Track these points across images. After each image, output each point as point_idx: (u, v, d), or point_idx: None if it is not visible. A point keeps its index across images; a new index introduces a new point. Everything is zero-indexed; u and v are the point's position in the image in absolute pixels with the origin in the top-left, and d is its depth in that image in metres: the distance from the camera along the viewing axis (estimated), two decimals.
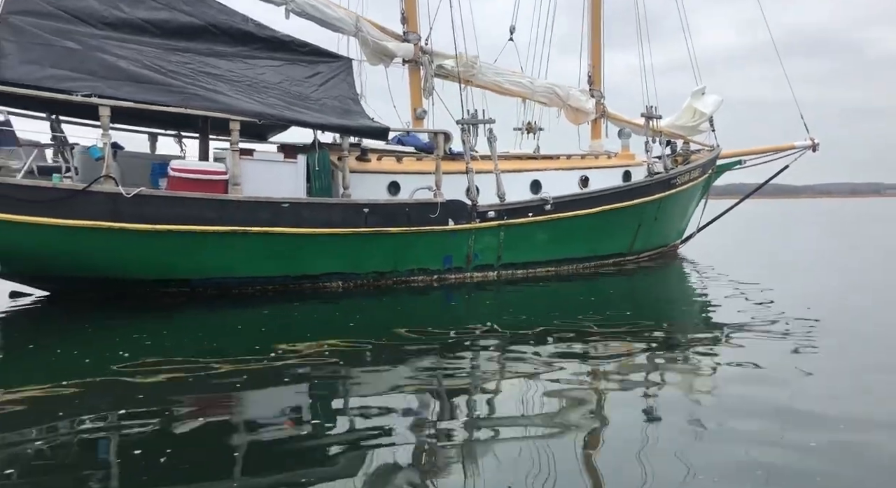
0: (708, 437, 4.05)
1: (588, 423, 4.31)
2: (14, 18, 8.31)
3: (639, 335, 6.86)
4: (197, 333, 7.45)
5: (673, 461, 3.63)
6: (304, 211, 9.64)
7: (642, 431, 4.11)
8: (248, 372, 5.44)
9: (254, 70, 10.32)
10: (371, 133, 10.63)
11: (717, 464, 3.56)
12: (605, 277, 12.23)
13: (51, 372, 5.52)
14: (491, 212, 11.22)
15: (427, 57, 13.02)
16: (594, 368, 5.69)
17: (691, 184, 15.72)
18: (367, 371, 5.73)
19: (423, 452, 3.86)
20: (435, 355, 6.12)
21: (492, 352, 6.42)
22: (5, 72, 8.03)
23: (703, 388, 5.12)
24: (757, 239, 23.44)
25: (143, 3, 9.53)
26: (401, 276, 10.69)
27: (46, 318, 8.50)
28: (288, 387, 5.20)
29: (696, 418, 4.36)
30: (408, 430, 4.18)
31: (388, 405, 4.68)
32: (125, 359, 5.90)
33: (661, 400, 4.80)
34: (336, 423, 4.34)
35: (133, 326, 7.61)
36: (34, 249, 8.20)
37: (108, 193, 8.41)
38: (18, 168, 8.33)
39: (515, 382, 5.30)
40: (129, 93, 8.68)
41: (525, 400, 4.84)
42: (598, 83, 15.90)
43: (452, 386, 5.17)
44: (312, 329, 7.62)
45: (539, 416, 4.42)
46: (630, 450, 3.79)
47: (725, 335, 6.94)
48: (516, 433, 4.17)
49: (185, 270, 9.14)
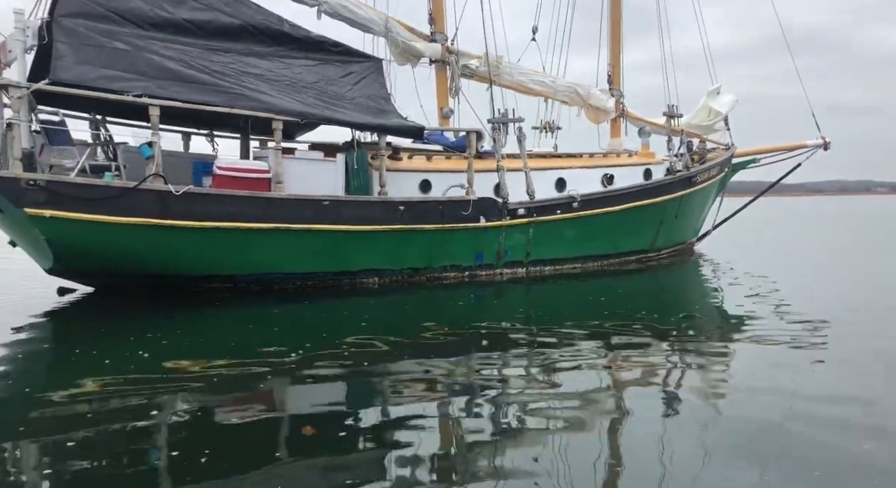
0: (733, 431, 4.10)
1: (613, 420, 4.39)
2: (66, 20, 8.50)
3: (675, 332, 7.00)
4: (240, 328, 7.58)
5: (695, 456, 3.74)
6: (343, 208, 9.85)
7: (670, 430, 4.15)
8: (287, 367, 5.57)
9: (291, 70, 10.53)
10: (407, 132, 10.85)
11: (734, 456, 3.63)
12: (629, 274, 12.46)
13: (100, 367, 5.65)
14: (521, 209, 11.45)
15: (453, 57, 13.22)
16: (624, 365, 5.71)
17: (710, 182, 15.97)
18: (401, 367, 5.76)
19: (452, 445, 3.98)
20: (475, 352, 6.25)
21: (526, 349, 6.43)
22: (61, 73, 8.23)
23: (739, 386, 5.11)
24: (770, 237, 23.67)
25: (185, 4, 9.72)
26: (434, 273, 10.91)
27: (94, 313, 8.67)
28: (328, 383, 5.30)
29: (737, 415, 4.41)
30: (438, 424, 4.29)
31: (419, 401, 4.78)
32: (171, 353, 6.10)
33: (691, 397, 4.84)
34: (364, 419, 4.43)
35: (177, 321, 7.82)
36: (88, 245, 8.40)
37: (157, 191, 8.61)
38: (72, 166, 8.52)
39: (544, 377, 5.37)
40: (178, 92, 8.88)
41: (551, 395, 4.89)
42: (618, 82, 16.10)
43: (484, 381, 5.26)
44: (354, 324, 7.79)
45: (563, 411, 4.50)
46: (651, 446, 3.86)
47: (753, 329, 7.10)
48: (541, 428, 4.24)
49: (229, 266, 9.35)
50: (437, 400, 4.87)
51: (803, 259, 15.74)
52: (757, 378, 5.25)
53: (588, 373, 5.43)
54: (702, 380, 5.34)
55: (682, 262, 14.67)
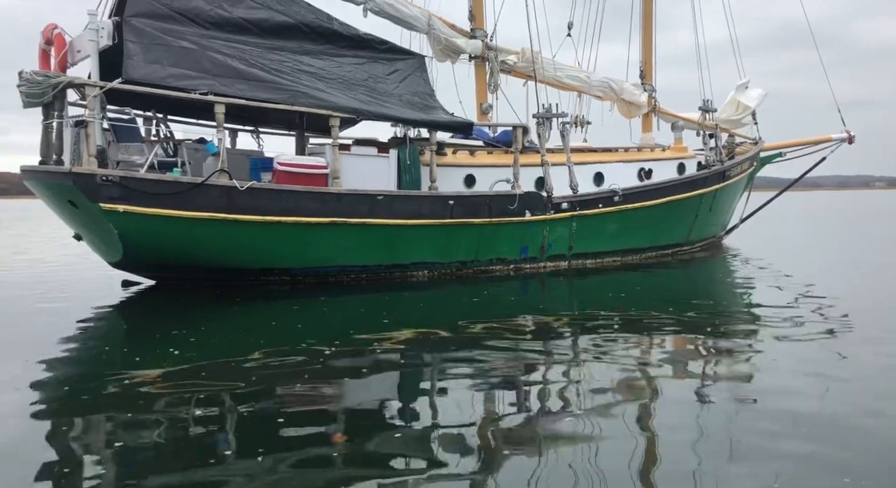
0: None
1: (647, 416, 4.40)
2: (135, 20, 8.75)
3: (723, 325, 7.06)
4: (297, 320, 7.75)
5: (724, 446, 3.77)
6: (396, 203, 10.09)
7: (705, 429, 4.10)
8: (345, 358, 5.74)
9: (342, 68, 10.76)
10: (457, 127, 11.07)
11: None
12: (667, 267, 12.65)
13: (168, 356, 5.84)
14: (564, 203, 11.66)
15: (492, 53, 13.41)
16: (670, 359, 5.77)
17: (741, 176, 16.15)
18: (449, 358, 5.85)
19: (493, 439, 3.99)
20: (523, 344, 6.32)
21: (577, 341, 6.49)
22: (132, 72, 8.48)
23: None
24: (789, 230, 23.79)
25: (241, 3, 9.95)
26: (481, 266, 11.14)
27: (158, 305, 8.95)
28: (379, 375, 5.41)
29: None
30: (477, 416, 4.33)
31: (461, 394, 4.79)
32: (234, 342, 6.36)
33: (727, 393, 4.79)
34: (407, 413, 4.49)
35: (238, 313, 8.04)
36: (156, 239, 8.67)
37: (223, 186, 8.87)
38: (140, 163, 8.79)
39: (585, 371, 5.40)
40: (241, 90, 9.13)
41: (589, 390, 4.87)
42: (650, 78, 16.27)
43: (526, 373, 5.32)
44: (408, 315, 8.02)
45: (597, 408, 4.49)
46: (684, 444, 3.83)
47: (794, 322, 7.17)
48: (576, 424, 4.19)
49: (288, 260, 9.60)
50: (482, 391, 4.89)
51: (838, 252, 15.88)
52: (800, 369, 5.29)
53: (627, 366, 5.44)
54: (740, 372, 5.35)
55: (713, 256, 14.84)
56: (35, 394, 4.86)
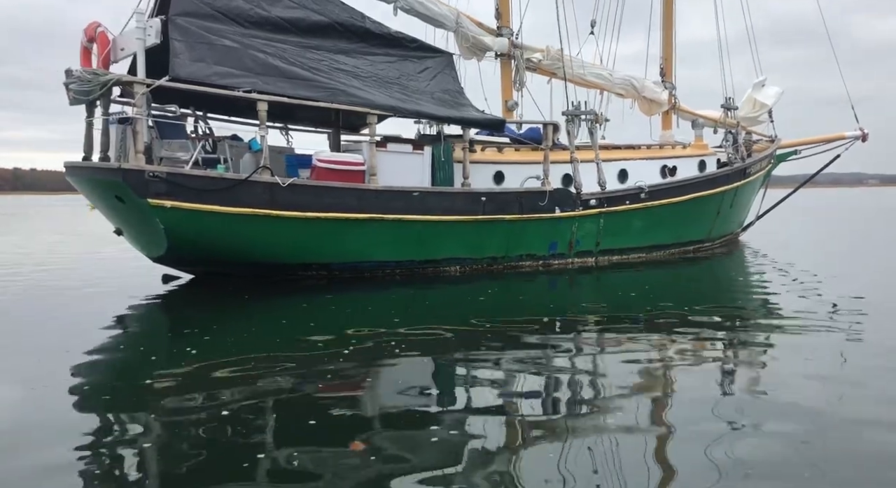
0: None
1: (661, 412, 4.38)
2: (180, 19, 8.90)
3: (748, 319, 7.17)
4: (336, 313, 7.93)
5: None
6: (431, 199, 10.25)
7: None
8: (374, 350, 5.85)
9: (375, 66, 10.91)
10: (489, 124, 11.22)
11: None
12: (690, 263, 12.81)
13: (218, 348, 6.02)
14: (593, 200, 11.82)
15: (518, 51, 13.56)
16: (691, 353, 5.79)
17: (760, 173, 16.31)
18: (478, 354, 5.86)
19: (519, 435, 3.97)
20: (555, 339, 6.41)
21: (602, 337, 6.61)
22: (178, 70, 8.63)
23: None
24: (802, 227, 23.95)
25: (279, 2, 10.09)
26: (511, 261, 11.31)
27: (199, 299, 9.14)
28: (411, 366, 5.46)
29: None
30: (505, 412, 4.33)
31: (485, 391, 4.81)
32: (278, 334, 6.54)
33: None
34: (434, 406, 4.49)
35: (278, 306, 8.23)
36: (201, 234, 8.83)
37: (266, 183, 9.03)
38: (186, 159, 8.95)
39: (607, 366, 5.48)
40: (283, 88, 9.28)
41: (608, 387, 4.88)
42: (670, 75, 16.41)
43: (558, 372, 5.34)
44: (447, 309, 8.17)
45: (614, 402, 4.49)
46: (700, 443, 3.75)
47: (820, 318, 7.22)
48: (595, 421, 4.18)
49: (327, 255, 9.77)
50: (506, 389, 4.89)
51: (855, 249, 16.03)
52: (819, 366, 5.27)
53: (654, 361, 5.49)
54: (759, 368, 5.36)
55: (731, 252, 14.99)
56: (81, 383, 5.03)
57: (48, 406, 4.49)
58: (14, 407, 4.51)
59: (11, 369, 5.48)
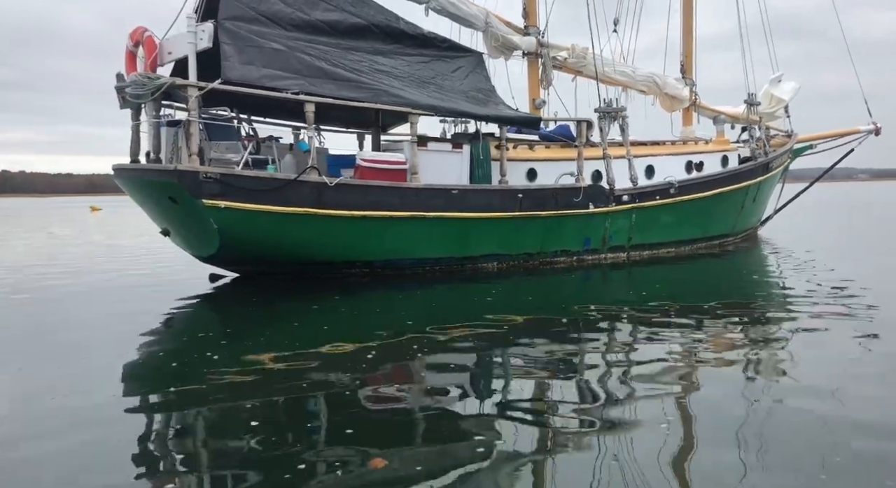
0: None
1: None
2: (228, 23, 9.07)
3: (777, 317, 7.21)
4: (378, 311, 8.09)
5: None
6: (469, 197, 10.44)
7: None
8: (414, 348, 5.89)
9: (411, 66, 11.09)
10: (526, 122, 11.41)
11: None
12: (717, 257, 12.99)
13: (271, 344, 6.14)
14: (625, 195, 12.00)
15: (545, 50, 13.72)
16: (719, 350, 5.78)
17: (780, 168, 16.50)
18: (517, 352, 5.89)
19: (540, 433, 3.97)
20: (590, 334, 6.55)
21: (635, 331, 6.67)
22: (229, 72, 8.81)
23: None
24: (813, 220, 24.14)
25: (318, 5, 10.26)
26: (546, 257, 11.49)
27: (245, 298, 9.24)
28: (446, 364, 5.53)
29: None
30: (537, 417, 4.27)
31: (527, 378, 4.96)
32: (323, 332, 6.65)
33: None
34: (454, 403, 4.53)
35: (328, 304, 8.33)
36: (252, 234, 9.02)
37: (314, 183, 9.21)
38: (236, 160, 9.13)
39: (630, 359, 5.55)
40: (329, 90, 9.47)
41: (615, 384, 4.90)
42: (690, 72, 16.58)
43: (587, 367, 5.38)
44: (494, 305, 8.34)
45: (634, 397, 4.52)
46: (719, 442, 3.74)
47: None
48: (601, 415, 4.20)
49: (370, 252, 9.95)
50: (547, 381, 4.98)
51: (866, 241, 16.22)
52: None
53: (674, 356, 5.54)
54: (781, 365, 5.31)
55: (753, 247, 15.17)
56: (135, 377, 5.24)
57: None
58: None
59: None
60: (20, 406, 4.53)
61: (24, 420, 4.22)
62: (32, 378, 5.22)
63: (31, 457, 3.61)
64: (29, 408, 4.45)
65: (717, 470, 3.36)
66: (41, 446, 3.75)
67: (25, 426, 4.11)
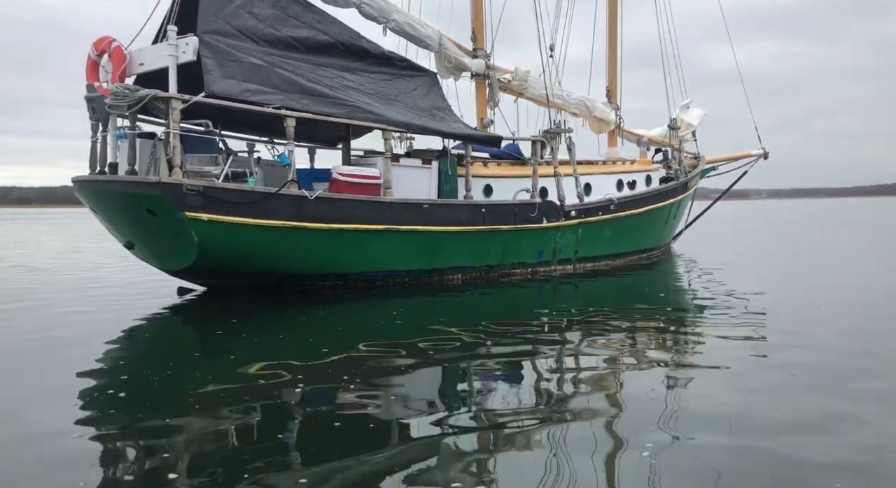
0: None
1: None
2: (208, 37, 9.02)
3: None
4: (352, 323, 8.25)
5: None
6: (439, 211, 10.85)
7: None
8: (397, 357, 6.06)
9: (375, 84, 11.40)
10: (489, 141, 11.98)
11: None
12: (648, 269, 14.14)
13: (246, 355, 6.21)
14: (573, 211, 12.86)
15: (493, 71, 14.46)
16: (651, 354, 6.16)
17: (694, 187, 18.14)
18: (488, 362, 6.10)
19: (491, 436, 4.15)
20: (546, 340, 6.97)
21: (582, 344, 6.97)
22: (212, 86, 8.77)
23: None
24: (720, 235, 26.47)
25: (287, 22, 10.38)
26: (505, 269, 12.09)
27: (213, 314, 9.13)
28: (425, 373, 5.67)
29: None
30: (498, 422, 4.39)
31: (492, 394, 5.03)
32: (303, 342, 6.87)
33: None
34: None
35: (302, 316, 8.51)
36: (231, 246, 8.96)
37: (294, 196, 9.30)
38: (216, 173, 9.05)
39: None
40: (307, 105, 9.60)
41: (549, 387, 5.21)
42: (615, 97, 17.93)
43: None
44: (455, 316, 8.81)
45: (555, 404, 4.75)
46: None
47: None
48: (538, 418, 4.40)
49: (345, 265, 10.11)
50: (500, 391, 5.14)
51: (770, 253, 18.12)
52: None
53: (626, 361, 5.92)
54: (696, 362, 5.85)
55: (668, 260, 16.50)
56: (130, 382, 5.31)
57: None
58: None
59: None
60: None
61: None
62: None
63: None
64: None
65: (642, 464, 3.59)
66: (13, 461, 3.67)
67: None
